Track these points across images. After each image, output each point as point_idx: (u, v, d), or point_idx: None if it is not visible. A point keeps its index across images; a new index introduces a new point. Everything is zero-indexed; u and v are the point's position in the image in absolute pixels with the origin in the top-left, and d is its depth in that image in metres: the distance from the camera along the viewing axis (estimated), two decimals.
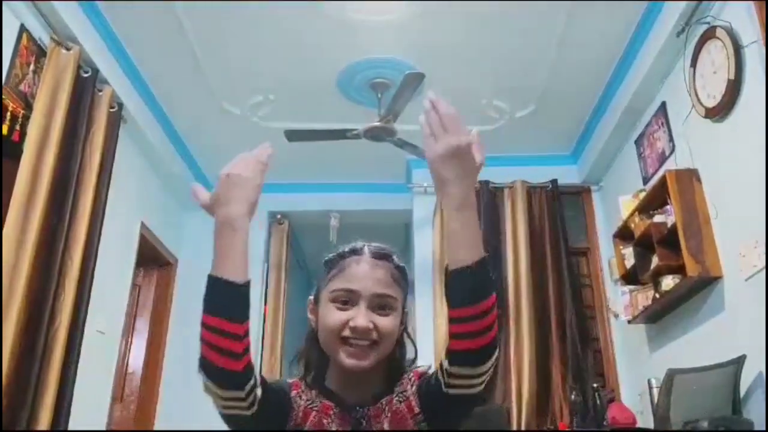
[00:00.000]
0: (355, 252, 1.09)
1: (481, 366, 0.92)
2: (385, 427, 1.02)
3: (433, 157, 0.96)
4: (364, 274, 1.05)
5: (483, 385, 0.95)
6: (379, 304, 1.04)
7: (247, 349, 0.93)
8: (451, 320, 0.92)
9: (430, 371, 1.07)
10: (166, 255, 4.48)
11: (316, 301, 1.10)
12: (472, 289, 0.91)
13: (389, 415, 1.03)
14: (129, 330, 4.20)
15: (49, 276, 2.71)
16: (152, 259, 4.37)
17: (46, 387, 2.63)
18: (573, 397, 3.71)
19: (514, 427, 3.77)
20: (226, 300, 0.93)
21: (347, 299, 1.04)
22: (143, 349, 4.29)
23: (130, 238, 3.91)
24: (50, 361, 2.67)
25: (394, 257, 1.10)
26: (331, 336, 1.03)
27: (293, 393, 1.05)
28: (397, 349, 1.11)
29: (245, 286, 0.94)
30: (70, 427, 2.80)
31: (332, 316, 1.03)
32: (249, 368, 0.93)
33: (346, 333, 1.02)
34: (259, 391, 0.94)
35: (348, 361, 1.02)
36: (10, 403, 2.44)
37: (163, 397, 4.27)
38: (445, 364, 0.94)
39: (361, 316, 1.01)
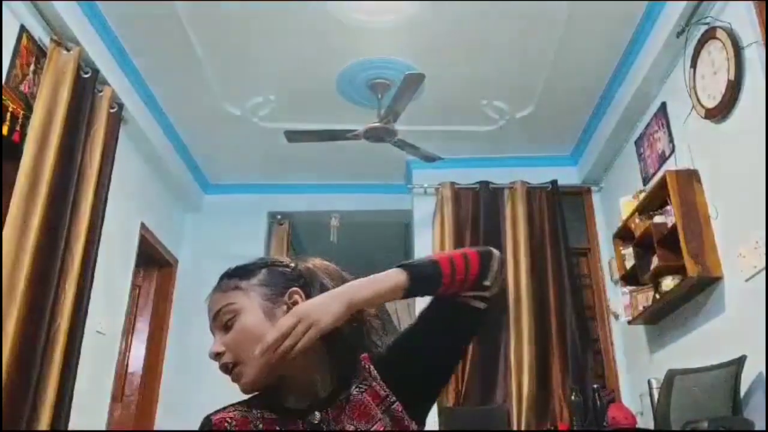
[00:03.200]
0: None
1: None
2: (348, 424, 0.95)
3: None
4: (208, 307, 1.05)
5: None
6: (222, 321, 1.01)
7: None
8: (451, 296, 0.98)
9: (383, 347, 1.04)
10: (166, 255, 4.48)
11: None
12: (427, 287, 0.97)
13: (350, 410, 0.96)
14: (129, 330, 4.20)
15: (49, 276, 2.70)
16: (152, 259, 4.37)
17: (46, 387, 2.63)
18: (573, 397, 3.71)
19: (515, 428, 3.77)
20: None
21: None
22: (143, 349, 4.29)
23: (130, 238, 3.91)
24: (50, 361, 2.67)
25: (237, 267, 1.06)
26: None
27: None
28: (331, 339, 0.99)
29: None
30: (70, 427, 2.80)
31: None
32: None
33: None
34: None
35: (240, 387, 1.00)
36: (10, 403, 2.43)
37: (163, 397, 4.28)
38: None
39: (212, 345, 1.01)
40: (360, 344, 1.04)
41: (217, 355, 1.00)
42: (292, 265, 1.08)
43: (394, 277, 0.95)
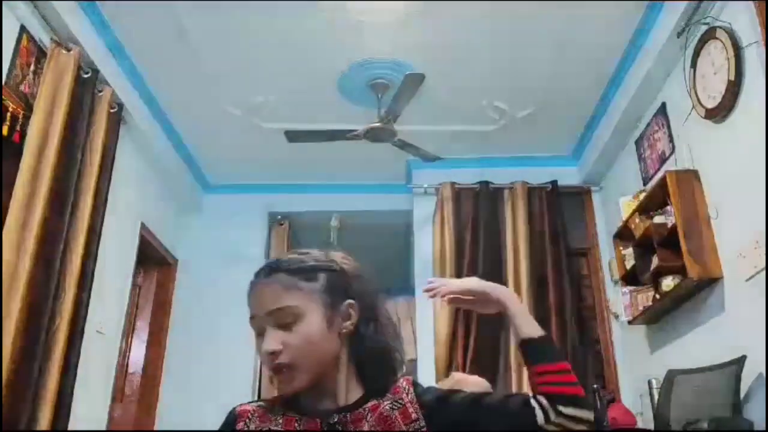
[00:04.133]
0: (254, 278, 1.08)
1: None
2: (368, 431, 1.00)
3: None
4: (256, 298, 1.04)
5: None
6: (281, 320, 1.01)
7: None
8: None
9: (434, 386, 1.11)
10: (166, 255, 4.48)
11: None
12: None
13: (373, 420, 1.01)
14: (129, 330, 4.20)
15: (49, 276, 2.71)
16: (152, 259, 4.37)
17: (46, 387, 2.63)
18: None
19: None
20: None
21: (258, 328, 1.03)
22: (143, 349, 4.29)
23: (130, 238, 3.91)
24: (50, 361, 2.67)
25: (291, 261, 1.06)
26: (265, 372, 1.04)
27: (239, 424, 1.02)
28: (358, 349, 1.07)
29: None
30: (70, 427, 2.80)
31: (257, 352, 1.04)
32: None
33: (266, 363, 1.02)
34: None
35: (282, 388, 1.02)
36: (10, 403, 2.43)
37: (163, 397, 4.28)
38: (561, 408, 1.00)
39: (265, 341, 1.00)
40: (378, 346, 1.08)
41: (273, 354, 0.99)
42: (344, 268, 1.09)
43: (536, 324, 1.07)
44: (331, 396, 1.04)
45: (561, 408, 0.98)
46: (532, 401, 1.00)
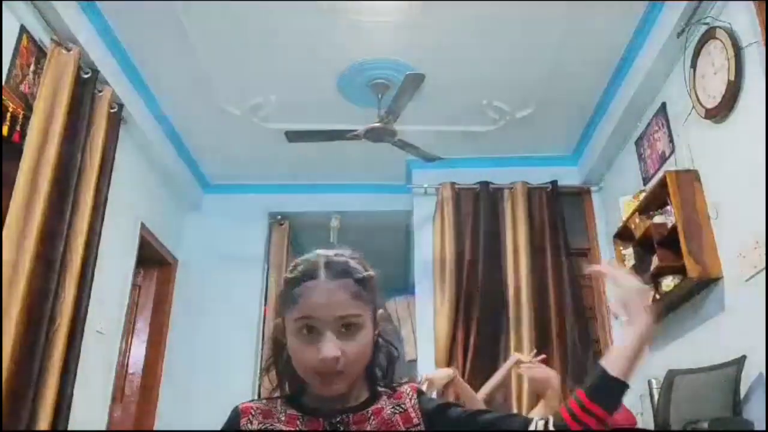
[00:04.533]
0: (310, 275, 1.03)
1: None
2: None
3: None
4: (322, 300, 1.00)
5: None
6: (344, 326, 1.00)
7: None
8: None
9: (433, 396, 1.10)
10: (166, 255, 4.48)
11: (283, 317, 1.07)
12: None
13: (375, 423, 1.02)
14: (129, 330, 4.20)
15: (49, 276, 2.71)
16: (152, 259, 4.37)
17: (46, 387, 2.63)
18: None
19: None
20: None
21: (308, 328, 1.00)
22: (143, 349, 4.29)
23: (130, 238, 3.91)
24: (50, 361, 2.67)
25: (354, 268, 1.05)
26: (304, 371, 1.02)
27: (243, 421, 1.03)
28: (377, 356, 1.09)
29: None
30: (70, 427, 2.80)
31: (302, 351, 1.00)
32: None
33: (318, 366, 0.99)
34: None
35: (322, 390, 1.02)
36: (10, 403, 2.44)
37: (163, 397, 4.28)
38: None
39: (327, 346, 0.98)
40: (385, 351, 1.11)
41: (336, 359, 0.98)
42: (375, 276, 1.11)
43: (626, 366, 1.00)
44: (338, 397, 1.04)
45: None
46: (533, 423, 0.99)
